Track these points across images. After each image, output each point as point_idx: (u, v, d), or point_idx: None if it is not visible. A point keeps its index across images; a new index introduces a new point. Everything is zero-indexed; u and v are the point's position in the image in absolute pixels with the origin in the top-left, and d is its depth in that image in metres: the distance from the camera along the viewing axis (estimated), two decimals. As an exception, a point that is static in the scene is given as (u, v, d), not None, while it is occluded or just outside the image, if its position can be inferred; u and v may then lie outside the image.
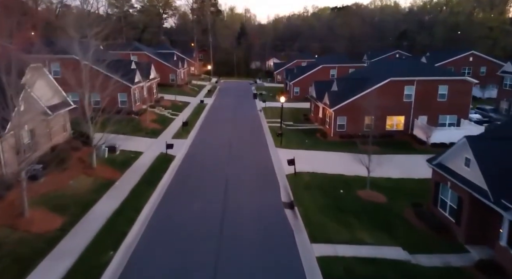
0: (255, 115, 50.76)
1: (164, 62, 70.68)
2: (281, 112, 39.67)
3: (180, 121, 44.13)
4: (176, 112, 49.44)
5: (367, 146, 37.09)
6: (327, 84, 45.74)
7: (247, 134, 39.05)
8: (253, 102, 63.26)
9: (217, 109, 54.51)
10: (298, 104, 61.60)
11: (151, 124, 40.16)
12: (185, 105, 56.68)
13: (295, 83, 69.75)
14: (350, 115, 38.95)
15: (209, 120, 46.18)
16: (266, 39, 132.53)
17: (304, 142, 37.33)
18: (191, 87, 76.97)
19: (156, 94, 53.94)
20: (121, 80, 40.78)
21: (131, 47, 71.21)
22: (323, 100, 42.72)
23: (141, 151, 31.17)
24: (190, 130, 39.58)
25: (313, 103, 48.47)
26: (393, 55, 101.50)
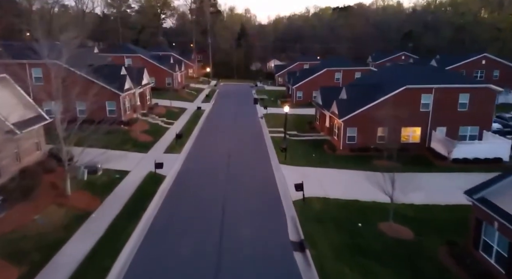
0: (256, 123, 47.10)
1: (160, 65, 67.04)
2: (285, 123, 36.01)
3: (174, 131, 40.49)
4: (171, 121, 45.78)
5: (382, 161, 33.63)
6: (335, 90, 42.08)
7: (247, 146, 35.37)
8: (253, 108, 59.60)
9: (215, 117, 50.84)
10: (301, 110, 57.94)
11: (142, 136, 36.49)
12: (182, 111, 53.03)
13: (298, 87, 66.13)
14: (361, 126, 35.31)
15: (206, 130, 42.49)
16: (267, 40, 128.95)
17: (310, 156, 33.66)
18: (188, 91, 73.33)
19: (150, 101, 50.28)
20: (109, 87, 37.23)
21: (124, 50, 67.66)
22: (330, 109, 39.06)
23: (127, 170, 27.50)
24: (185, 143, 35.90)
25: (319, 111, 44.82)
26: (399, 57, 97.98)
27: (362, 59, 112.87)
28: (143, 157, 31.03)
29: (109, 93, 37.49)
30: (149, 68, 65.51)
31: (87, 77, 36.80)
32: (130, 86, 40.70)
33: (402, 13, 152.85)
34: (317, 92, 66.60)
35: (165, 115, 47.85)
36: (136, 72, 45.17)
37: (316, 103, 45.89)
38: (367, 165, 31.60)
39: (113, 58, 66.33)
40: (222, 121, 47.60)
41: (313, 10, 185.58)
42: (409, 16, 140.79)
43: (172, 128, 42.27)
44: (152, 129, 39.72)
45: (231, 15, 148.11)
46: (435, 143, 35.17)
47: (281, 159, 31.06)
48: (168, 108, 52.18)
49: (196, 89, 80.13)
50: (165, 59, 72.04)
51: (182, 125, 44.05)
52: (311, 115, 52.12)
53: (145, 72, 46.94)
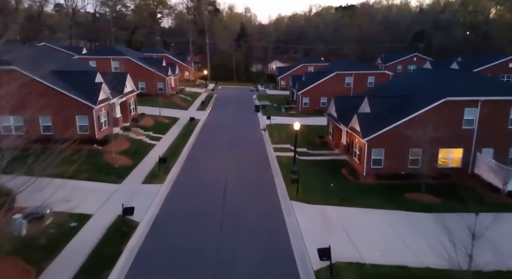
0: (258, 139, 40.29)
1: (151, 69, 60.19)
2: (294, 146, 29.13)
3: (160, 150, 33.68)
4: (158, 135, 38.95)
5: (418, 195, 26.89)
6: (352, 101, 35.29)
7: (248, 173, 28.47)
8: (255, 117, 52.83)
9: (210, 130, 43.96)
10: (309, 120, 51.15)
11: (118, 159, 29.65)
12: (173, 122, 46.20)
13: (304, 93, 59.33)
14: (389, 147, 28.52)
15: (198, 148, 35.61)
16: (268, 41, 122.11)
17: (328, 186, 26.84)
18: (183, 97, 66.49)
19: (135, 111, 43.42)
20: (78, 98, 30.42)
21: (110, 51, 60.90)
22: (348, 124, 32.26)
23: (89, 213, 20.67)
24: (171, 168, 29.03)
25: (332, 124, 38.03)
26: (411, 58, 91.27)
27: (370, 60, 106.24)
28: (115, 190, 24.20)
29: (79, 105, 30.70)
30: (138, 72, 58.94)
31: (51, 86, 30.08)
32: (107, 96, 33.87)
33: (410, 12, 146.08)
34: (325, 98, 60.21)
35: (152, 128, 41.01)
36: (117, 78, 38.36)
37: (329, 115, 39.07)
38: (401, 201, 24.84)
39: (98, 61, 59.67)
40: (218, 136, 40.76)
41: (315, 10, 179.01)
42: (418, 15, 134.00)
43: (158, 145, 35.44)
44: (133, 148, 32.87)
45: (231, 15, 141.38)
46: (481, 168, 28.35)
47: (292, 193, 24.22)
48: (156, 119, 45.33)
49: (192, 94, 73.33)
50: (157, 61, 65.21)
51: (170, 141, 37.22)
52: (321, 127, 45.37)
53: (128, 78, 40.09)
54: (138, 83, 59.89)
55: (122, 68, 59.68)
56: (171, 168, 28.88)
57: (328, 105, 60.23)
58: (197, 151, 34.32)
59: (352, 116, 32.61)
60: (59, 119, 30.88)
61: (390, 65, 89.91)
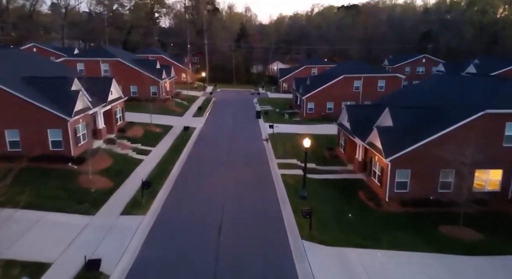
0: (259, 151, 35.85)
1: (143, 71, 55.77)
2: (304, 170, 24.64)
3: (147, 168, 29.27)
4: (147, 148, 34.51)
5: (456, 229, 22.48)
6: (369, 111, 30.91)
7: (248, 199, 23.97)
8: (256, 125, 48.42)
9: (206, 141, 39.49)
10: (315, 128, 46.84)
11: (96, 181, 25.20)
12: (165, 131, 41.76)
13: (309, 98, 54.92)
14: (417, 168, 24.10)
15: (191, 165, 31.12)
16: (269, 41, 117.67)
17: (345, 217, 22.39)
18: (178, 102, 62.03)
19: (122, 119, 38.94)
20: (50, 109, 26.05)
21: (100, 53, 56.49)
22: (365, 138, 27.84)
23: (47, 261, 16.19)
24: (157, 191, 24.55)
25: (344, 135, 33.60)
26: (420, 60, 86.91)
27: (376, 62, 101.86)
28: (86, 224, 19.75)
29: (52, 117, 26.25)
30: (130, 75, 54.66)
31: (18, 95, 25.73)
32: (86, 105, 29.40)
33: (415, 12, 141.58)
34: (331, 103, 55.63)
35: (141, 139, 36.56)
36: (100, 83, 33.94)
37: (341, 125, 34.62)
38: (436, 237, 20.39)
39: (86, 64, 55.31)
40: (214, 149, 36.31)
41: (316, 9, 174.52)
42: (423, 15, 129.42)
43: (146, 160, 30.98)
44: (115, 166, 28.39)
45: (230, 14, 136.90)
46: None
47: (304, 229, 19.75)
48: (147, 128, 40.86)
49: (189, 97, 68.89)
50: (151, 63, 60.76)
51: (160, 155, 32.76)
52: (329, 137, 40.98)
53: (113, 83, 35.61)
54: (130, 87, 55.69)
55: (112, 71, 55.29)
56: (157, 192, 24.41)
57: (335, 111, 55.92)
58: (189, 169, 29.83)
59: (369, 128, 28.27)
60: (29, 133, 26.49)
61: (398, 67, 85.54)
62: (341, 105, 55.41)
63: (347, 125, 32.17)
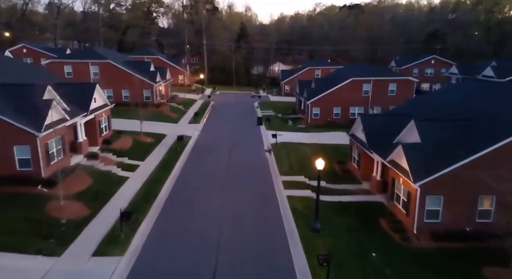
0: (262, 166, 31.88)
1: (136, 74, 51.84)
2: (317, 203, 20.53)
3: (133, 186, 25.32)
4: (134, 162, 30.51)
5: (508, 273, 18.37)
6: (388, 122, 26.95)
7: (249, 234, 19.85)
8: (257, 133, 44.44)
9: (202, 153, 35.48)
10: (322, 136, 42.90)
11: (68, 208, 21.21)
12: (157, 141, 37.79)
13: (314, 103, 50.95)
14: (450, 194, 20.14)
15: (182, 185, 27.06)
16: (270, 41, 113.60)
17: (367, 255, 18.41)
18: (174, 106, 58.08)
19: (108, 130, 34.89)
20: (15, 123, 22.13)
21: (89, 54, 52.54)
22: (386, 154, 23.88)
23: None
24: (140, 222, 20.56)
25: (358, 149, 29.63)
26: (428, 61, 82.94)
27: (382, 63, 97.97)
28: (47, 271, 15.78)
29: (18, 132, 22.29)
30: (121, 78, 50.81)
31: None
32: (62, 116, 25.43)
33: (420, 11, 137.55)
34: (338, 108, 51.09)
35: (128, 152, 32.59)
36: (81, 90, 29.99)
37: (353, 136, 30.63)
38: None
39: (74, 66, 51.41)
40: (211, 163, 32.33)
41: (318, 9, 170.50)
42: (429, 14, 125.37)
43: (132, 179, 26.99)
44: (94, 187, 24.41)
45: (230, 14, 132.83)
46: None
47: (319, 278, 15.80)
48: (136, 138, 36.87)
49: (186, 101, 64.92)
50: (145, 65, 56.78)
51: (149, 171, 28.76)
52: (338, 147, 37.10)
53: (97, 89, 31.59)
54: (121, 91, 51.76)
55: (102, 74, 51.37)
56: (140, 223, 20.41)
57: (342, 117, 51.98)
58: (181, 190, 25.80)
59: (388, 142, 24.38)
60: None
61: (405, 68, 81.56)
62: (348, 110, 51.60)
63: (362, 138, 28.19)
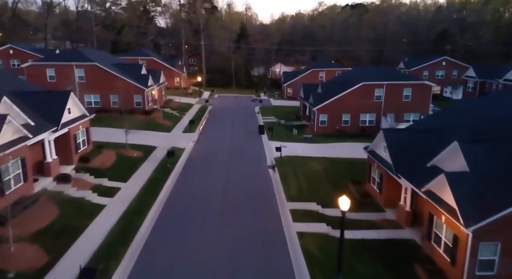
0: (265, 186, 27.28)
1: (126, 78, 47.31)
2: (339, 262, 15.84)
3: (109, 218, 20.72)
4: (114, 185, 25.84)
5: None
6: (419, 139, 22.35)
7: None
8: (259, 144, 39.85)
9: (195, 171, 30.73)
10: (331, 148, 38.38)
11: (20, 254, 16.60)
12: (145, 155, 33.15)
13: (321, 109, 46.40)
14: (509, 239, 15.56)
15: (169, 216, 22.41)
16: (271, 42, 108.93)
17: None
18: (169, 112, 53.54)
19: (87, 144, 30.22)
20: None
21: (74, 56, 47.98)
22: (419, 183, 19.28)
23: None
24: (110, 275, 15.98)
25: (380, 169, 25.05)
26: (439, 63, 78.42)
27: (389, 64, 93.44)
28: None
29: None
30: (109, 82, 46.32)
31: None
32: (21, 134, 20.80)
33: (426, 11, 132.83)
34: (347, 115, 45.34)
35: (109, 170, 28.01)
36: (51, 100, 25.38)
37: (373, 153, 25.99)
38: None
39: (57, 69, 46.86)
40: (205, 185, 27.73)
41: (320, 9, 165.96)
42: (436, 14, 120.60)
43: (109, 207, 22.38)
44: (60, 222, 19.78)
45: (229, 13, 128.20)
46: None
47: None
48: (121, 153, 32.26)
49: (182, 106, 60.40)
50: (136, 68, 52.21)
51: (130, 197, 24.13)
52: (352, 162, 32.65)
53: (72, 98, 26.93)
54: (110, 96, 47.22)
55: (88, 77, 46.81)
56: (110, 276, 15.84)
57: (351, 124, 47.32)
58: (167, 224, 21.15)
59: (419, 165, 19.90)
60: None
61: (415, 70, 77.03)
62: (359, 117, 47.04)
63: (386, 157, 23.60)
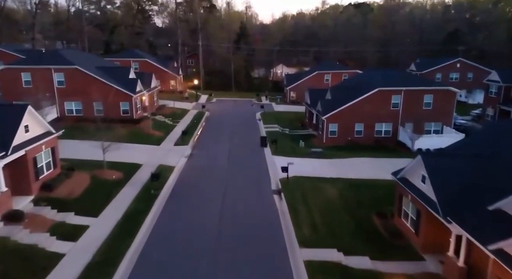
0: (270, 223, 21.98)
1: (110, 83, 42.08)
2: None
3: (66, 276, 15.44)
4: (81, 221, 20.46)
5: None
6: (477, 173, 17.10)
7: None
8: (261, 160, 34.55)
9: (184, 201, 25.50)
10: (346, 165, 33.01)
11: None
12: (125, 178, 27.73)
13: (331, 118, 41.23)
14: None
15: (148, 269, 17.31)
16: (272, 42, 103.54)
17: None
18: (160, 120, 48.28)
19: (53, 168, 24.83)
20: None
21: (51, 59, 42.73)
22: (488, 241, 14.02)
23: None
24: None
25: (416, 203, 19.77)
26: (453, 64, 73.24)
27: (397, 66, 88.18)
28: None
29: None
30: (92, 88, 41.08)
31: None
32: None
33: (433, 10, 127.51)
34: (360, 125, 39.10)
35: (78, 201, 22.67)
36: (2, 117, 20.08)
37: (407, 183, 20.70)
38: None
39: (33, 74, 41.61)
40: (194, 224, 22.45)
41: (322, 8, 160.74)
42: (444, 14, 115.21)
43: (67, 259, 17.04)
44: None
45: (229, 12, 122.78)
46: None
47: None
48: (97, 175, 26.92)
49: (176, 112, 55.16)
50: (123, 72, 46.90)
51: (100, 240, 18.81)
52: (371, 184, 27.43)
53: (30, 113, 21.62)
54: (93, 104, 41.96)
55: (69, 82, 41.58)
56: None
57: (365, 135, 42.01)
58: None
59: (477, 206, 14.72)
60: None
61: (427, 72, 71.77)
62: (373, 127, 41.73)
63: (426, 190, 18.32)
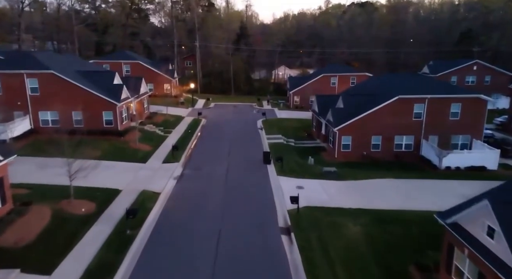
0: (277, 272, 16.74)
1: (91, 90, 36.81)
2: None
3: None
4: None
5: None
6: None
7: None
8: (265, 183, 29.21)
9: (168, 249, 20.21)
10: (364, 189, 27.43)
11: None
12: (98, 211, 22.45)
13: (344, 130, 36.00)
14: None
15: None
16: (274, 43, 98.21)
17: None
18: (149, 131, 42.93)
19: (0, 204, 19.59)
20: None
21: (26, 62, 37.48)
22: None
23: None
24: None
25: (477, 262, 14.39)
26: (470, 67, 67.93)
27: (407, 68, 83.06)
28: None
29: None
30: (71, 95, 35.96)
31: None
32: None
33: (442, 10, 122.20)
34: (378, 138, 33.58)
35: (24, 253, 17.33)
36: None
37: (461, 231, 15.35)
38: None
39: (4, 79, 36.28)
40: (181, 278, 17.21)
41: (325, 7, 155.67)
42: (454, 14, 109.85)
43: None
44: None
45: (228, 11, 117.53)
46: None
47: None
48: (61, 208, 21.62)
49: (169, 120, 49.92)
50: (107, 77, 41.55)
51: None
52: (401, 217, 22.23)
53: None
54: (72, 113, 36.73)
55: (43, 89, 36.31)
56: None
57: (383, 150, 36.54)
58: None
59: None
60: None
61: (442, 75, 66.53)
62: (393, 141, 36.38)
63: (494, 248, 12.98)
